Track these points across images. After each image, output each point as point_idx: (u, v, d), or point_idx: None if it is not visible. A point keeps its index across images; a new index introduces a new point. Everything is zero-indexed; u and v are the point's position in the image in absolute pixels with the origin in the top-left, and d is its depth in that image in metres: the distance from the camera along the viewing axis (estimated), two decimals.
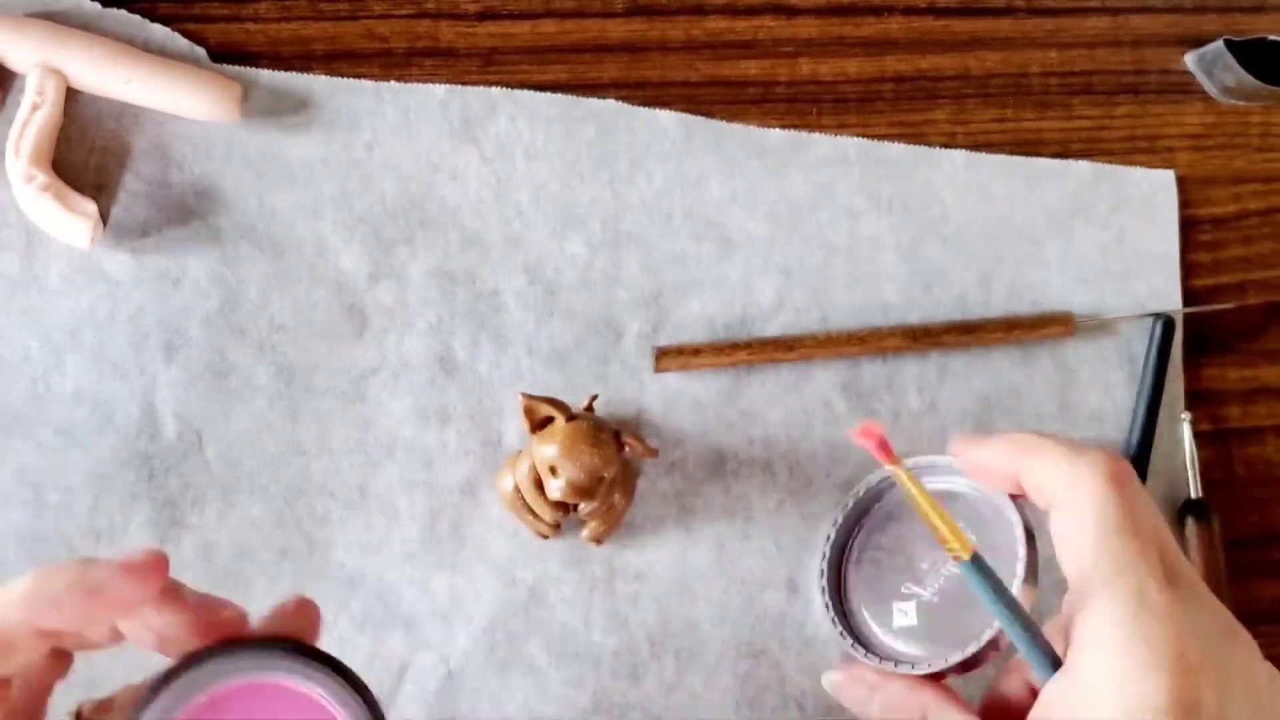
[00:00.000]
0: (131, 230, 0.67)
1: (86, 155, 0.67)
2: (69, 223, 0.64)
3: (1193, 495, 0.73)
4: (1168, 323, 0.73)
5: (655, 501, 0.69)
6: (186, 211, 0.67)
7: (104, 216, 0.66)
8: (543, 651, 0.68)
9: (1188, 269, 0.76)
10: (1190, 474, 0.73)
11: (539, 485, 0.64)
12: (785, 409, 0.71)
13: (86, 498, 0.65)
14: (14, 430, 0.65)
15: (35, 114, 0.65)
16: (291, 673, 0.50)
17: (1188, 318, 0.75)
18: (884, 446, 0.50)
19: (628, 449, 0.63)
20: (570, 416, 0.62)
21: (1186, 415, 0.73)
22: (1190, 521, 0.72)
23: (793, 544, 0.70)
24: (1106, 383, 0.74)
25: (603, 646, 0.68)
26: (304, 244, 0.68)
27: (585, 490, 0.62)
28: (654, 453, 0.64)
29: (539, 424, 0.63)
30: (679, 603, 0.68)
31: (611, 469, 0.62)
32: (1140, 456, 0.72)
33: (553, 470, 0.61)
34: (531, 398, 0.62)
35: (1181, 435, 0.74)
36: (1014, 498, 0.56)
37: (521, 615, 0.68)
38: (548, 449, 0.62)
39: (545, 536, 0.66)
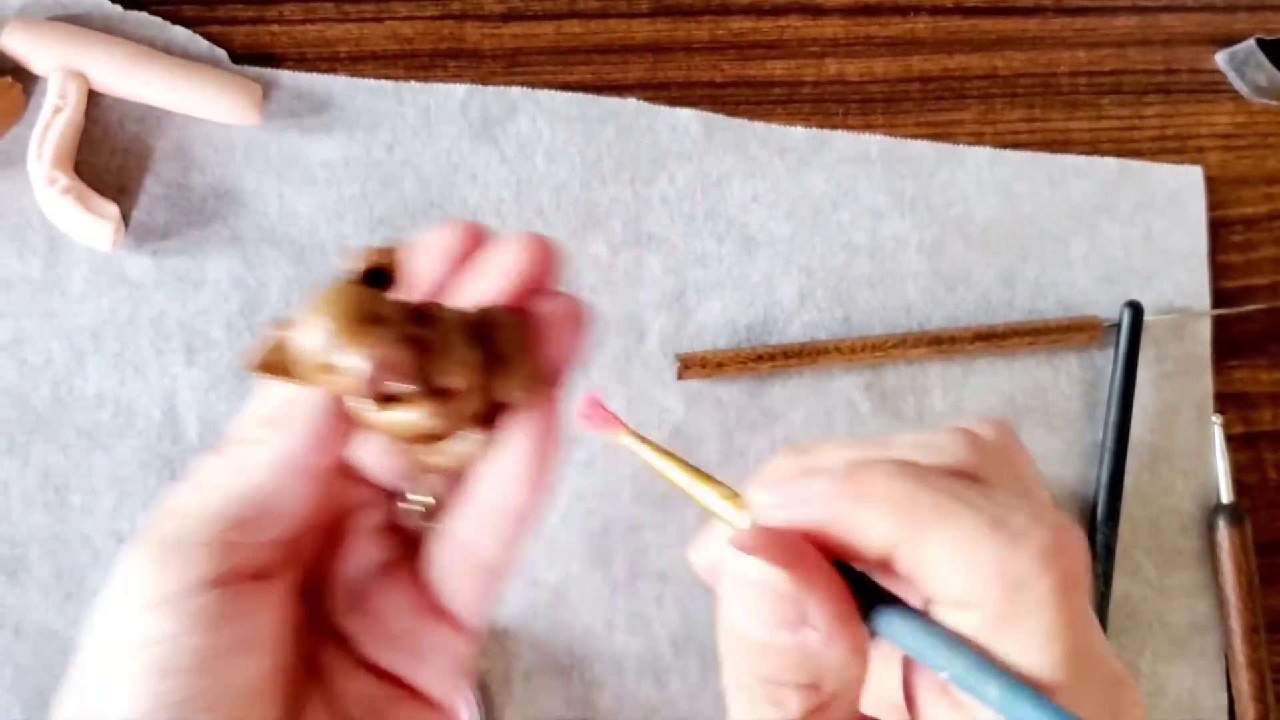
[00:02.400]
0: (153, 232, 0.64)
1: (108, 158, 0.64)
2: (91, 225, 0.62)
3: (1224, 499, 0.69)
4: (1136, 309, 0.70)
5: (677, 503, 0.67)
6: (207, 213, 0.65)
7: (125, 219, 0.64)
8: (565, 653, 0.66)
9: (1219, 270, 0.72)
10: (1221, 477, 0.70)
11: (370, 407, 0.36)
12: (808, 409, 0.68)
13: (109, 499, 0.63)
14: (37, 433, 0.63)
15: (57, 117, 0.62)
16: None
17: (1219, 319, 0.72)
18: (606, 417, 0.37)
19: (393, 274, 0.35)
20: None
21: (1217, 418, 0.70)
22: (1222, 525, 0.69)
23: None
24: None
25: (626, 648, 0.66)
26: (325, 245, 0.65)
27: (379, 340, 0.33)
28: (401, 246, 0.36)
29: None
30: (702, 604, 0.65)
31: (379, 305, 0.34)
32: (1117, 451, 0.69)
33: (327, 370, 0.34)
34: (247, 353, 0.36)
35: (1213, 438, 0.70)
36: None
37: (544, 617, 0.65)
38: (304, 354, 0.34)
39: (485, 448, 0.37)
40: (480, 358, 0.36)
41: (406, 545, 0.42)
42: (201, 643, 0.35)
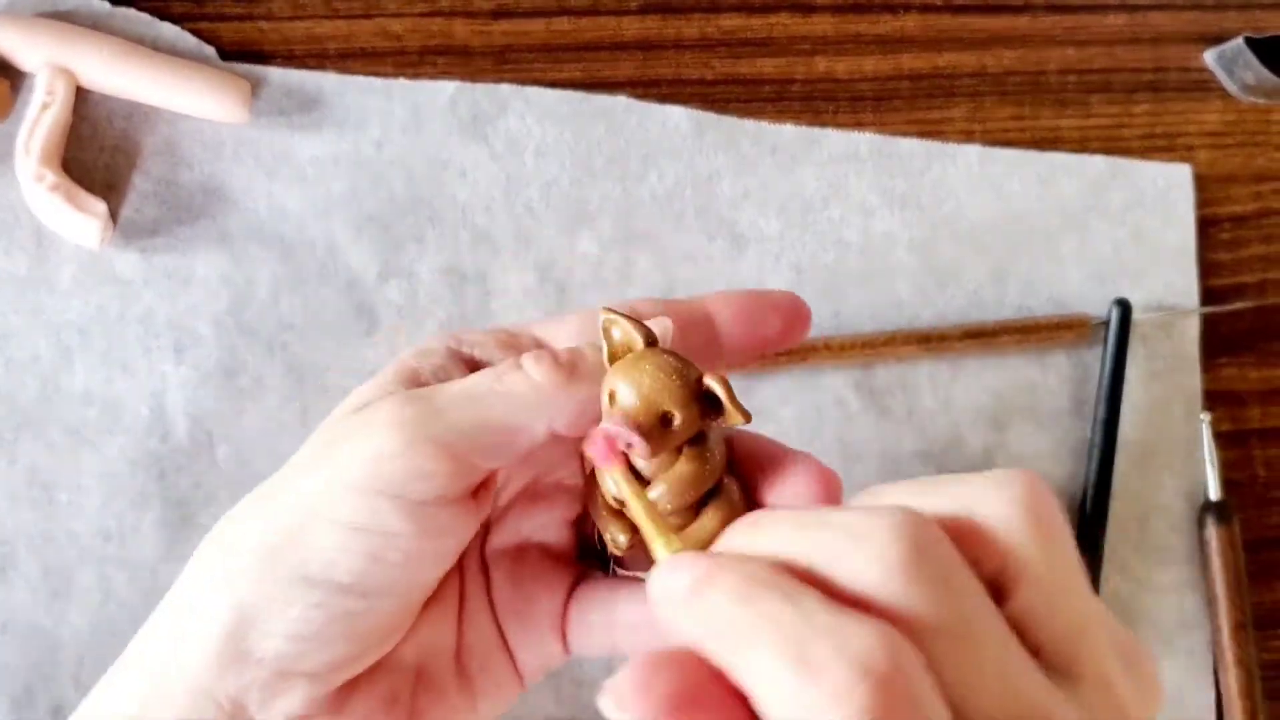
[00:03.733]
0: (141, 230, 0.64)
1: (96, 154, 0.64)
2: (79, 222, 0.61)
3: (1212, 496, 0.69)
4: (1125, 307, 0.69)
5: None
6: (196, 211, 0.64)
7: (113, 216, 0.63)
8: None
9: (1207, 268, 0.72)
10: (1210, 475, 0.69)
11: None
12: (798, 407, 0.68)
13: (97, 497, 0.62)
14: (24, 430, 0.62)
15: (45, 113, 0.62)
16: None
17: (1207, 317, 0.71)
18: (612, 448, 0.37)
19: (721, 401, 0.39)
20: (650, 343, 0.41)
21: (1206, 415, 0.70)
22: (1210, 522, 0.68)
23: None
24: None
25: None
26: (314, 243, 0.65)
27: (644, 429, 0.38)
28: (746, 416, 0.39)
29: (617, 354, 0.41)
30: None
31: (679, 409, 0.38)
32: (1105, 449, 0.69)
33: (611, 396, 0.39)
34: (615, 312, 0.40)
35: (1201, 436, 0.70)
36: None
37: None
38: (611, 376, 0.40)
39: (618, 548, 0.42)
40: (728, 478, 0.40)
41: (574, 550, 0.44)
42: (419, 546, 0.37)
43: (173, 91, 0.63)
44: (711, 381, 0.38)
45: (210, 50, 0.65)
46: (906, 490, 0.33)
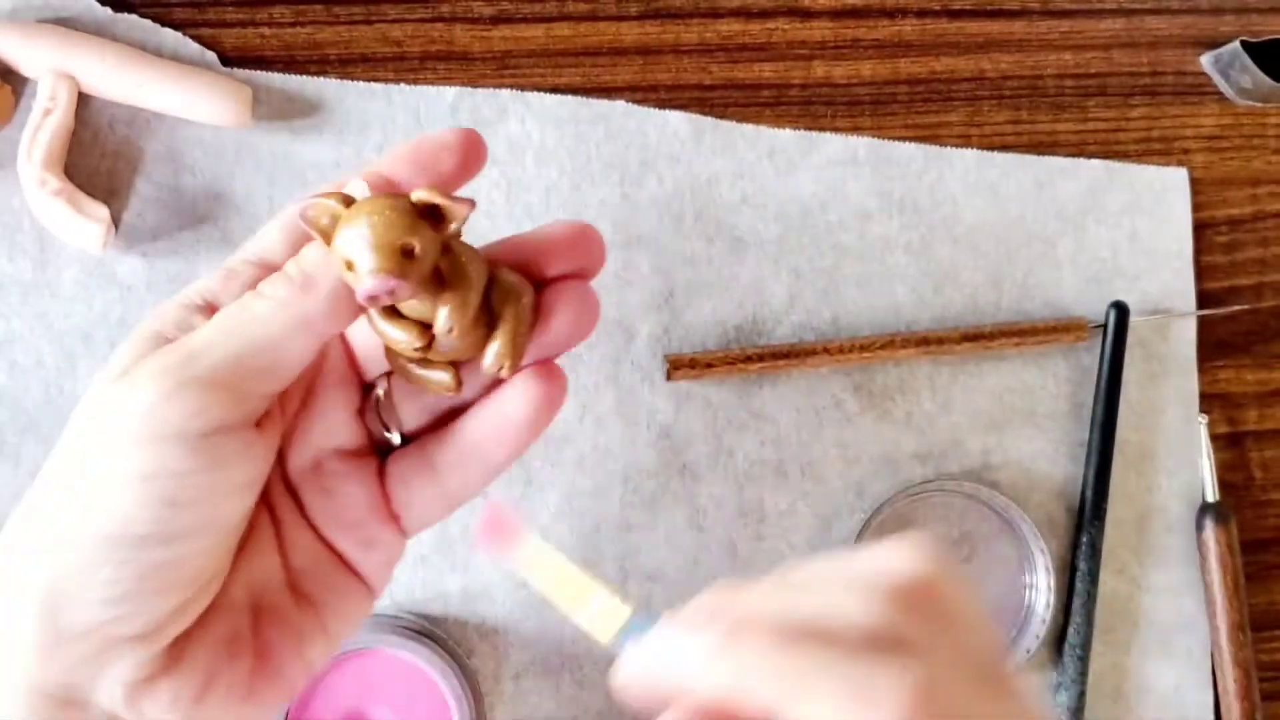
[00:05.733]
0: (143, 234, 0.64)
1: (98, 160, 0.64)
2: (81, 227, 0.61)
3: (1209, 498, 0.69)
4: (1121, 310, 0.70)
5: (667, 503, 0.66)
6: (198, 215, 0.65)
7: (116, 221, 0.64)
8: (556, 653, 0.65)
9: (1204, 271, 0.73)
10: (1207, 476, 0.70)
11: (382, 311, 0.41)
12: (797, 410, 0.68)
13: None
14: (28, 435, 0.63)
15: (47, 119, 0.62)
16: (397, 646, 0.58)
17: (1204, 320, 0.72)
18: (507, 528, 0.42)
19: (440, 205, 0.39)
20: (349, 202, 0.40)
21: (1203, 418, 0.70)
22: (1208, 524, 0.69)
23: (805, 545, 0.67)
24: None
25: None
26: None
27: (394, 269, 0.37)
28: (469, 203, 0.39)
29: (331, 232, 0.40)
30: None
31: (412, 236, 0.38)
32: (1103, 451, 0.69)
33: (349, 266, 0.38)
34: (307, 199, 0.40)
35: (1198, 438, 0.70)
36: None
37: (534, 616, 0.65)
38: (336, 249, 0.39)
39: (449, 389, 0.43)
40: (483, 320, 0.42)
41: (371, 442, 0.46)
42: (210, 481, 0.38)
43: (174, 97, 0.63)
44: (421, 194, 0.39)
45: (212, 56, 0.65)
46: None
